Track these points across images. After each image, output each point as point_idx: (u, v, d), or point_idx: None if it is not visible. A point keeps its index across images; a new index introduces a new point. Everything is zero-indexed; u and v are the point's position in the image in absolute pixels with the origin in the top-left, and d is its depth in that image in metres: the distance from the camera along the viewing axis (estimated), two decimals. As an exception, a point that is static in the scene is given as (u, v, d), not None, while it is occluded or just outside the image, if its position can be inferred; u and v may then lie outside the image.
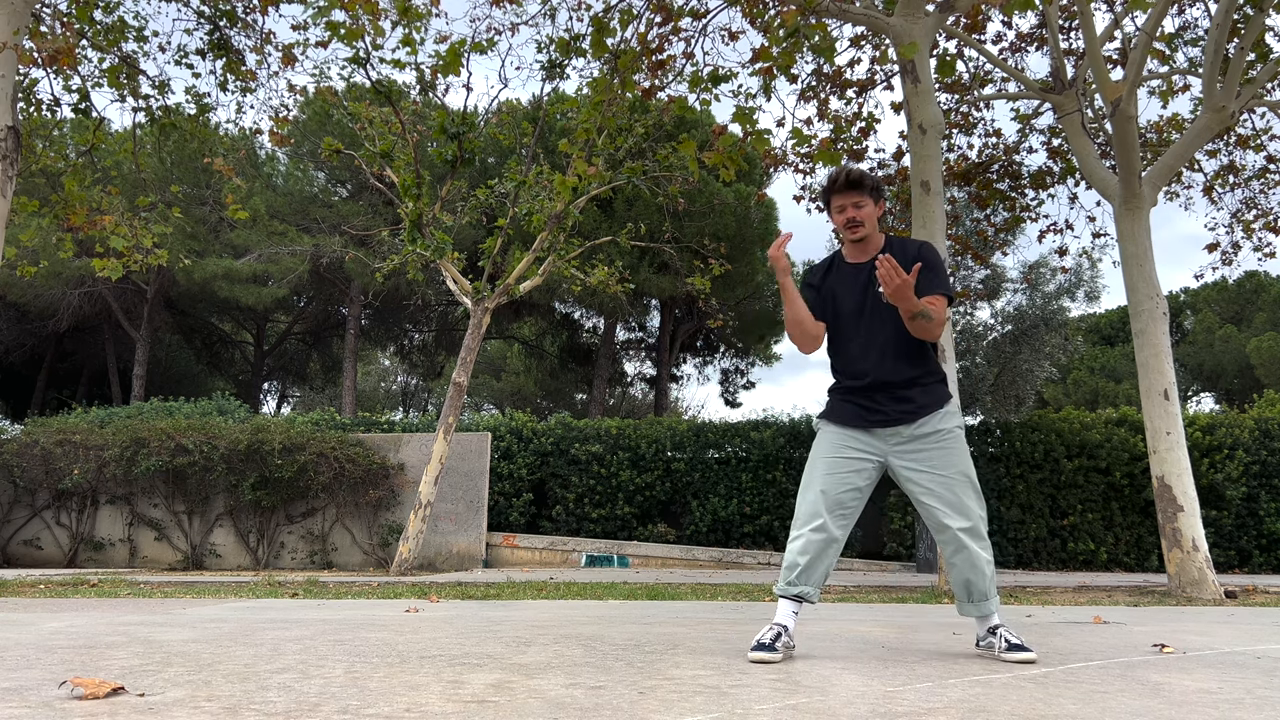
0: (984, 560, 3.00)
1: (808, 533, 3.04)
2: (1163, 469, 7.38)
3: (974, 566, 3.00)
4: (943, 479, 3.02)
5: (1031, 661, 2.89)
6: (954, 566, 3.04)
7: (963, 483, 3.03)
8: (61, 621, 4.19)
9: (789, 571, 3.06)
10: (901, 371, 3.09)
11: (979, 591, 3.03)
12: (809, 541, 3.04)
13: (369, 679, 2.48)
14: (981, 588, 3.02)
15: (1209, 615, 5.15)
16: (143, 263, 9.02)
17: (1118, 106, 7.59)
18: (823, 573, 3.07)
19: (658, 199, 10.52)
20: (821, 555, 3.04)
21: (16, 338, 23.15)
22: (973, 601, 3.05)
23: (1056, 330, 12.74)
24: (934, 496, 3.02)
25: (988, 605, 3.04)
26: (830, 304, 3.20)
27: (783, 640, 2.96)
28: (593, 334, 25.90)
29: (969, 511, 3.00)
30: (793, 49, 6.47)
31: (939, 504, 3.01)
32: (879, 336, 3.11)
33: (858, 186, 3.09)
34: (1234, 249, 11.31)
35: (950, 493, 3.01)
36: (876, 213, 3.14)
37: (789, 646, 2.99)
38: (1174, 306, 32.56)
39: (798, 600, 3.06)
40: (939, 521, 3.02)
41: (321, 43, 8.70)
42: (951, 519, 2.99)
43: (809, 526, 3.05)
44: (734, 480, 13.02)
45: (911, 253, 3.14)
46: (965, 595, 3.05)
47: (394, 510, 11.80)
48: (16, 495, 11.89)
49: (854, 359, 3.15)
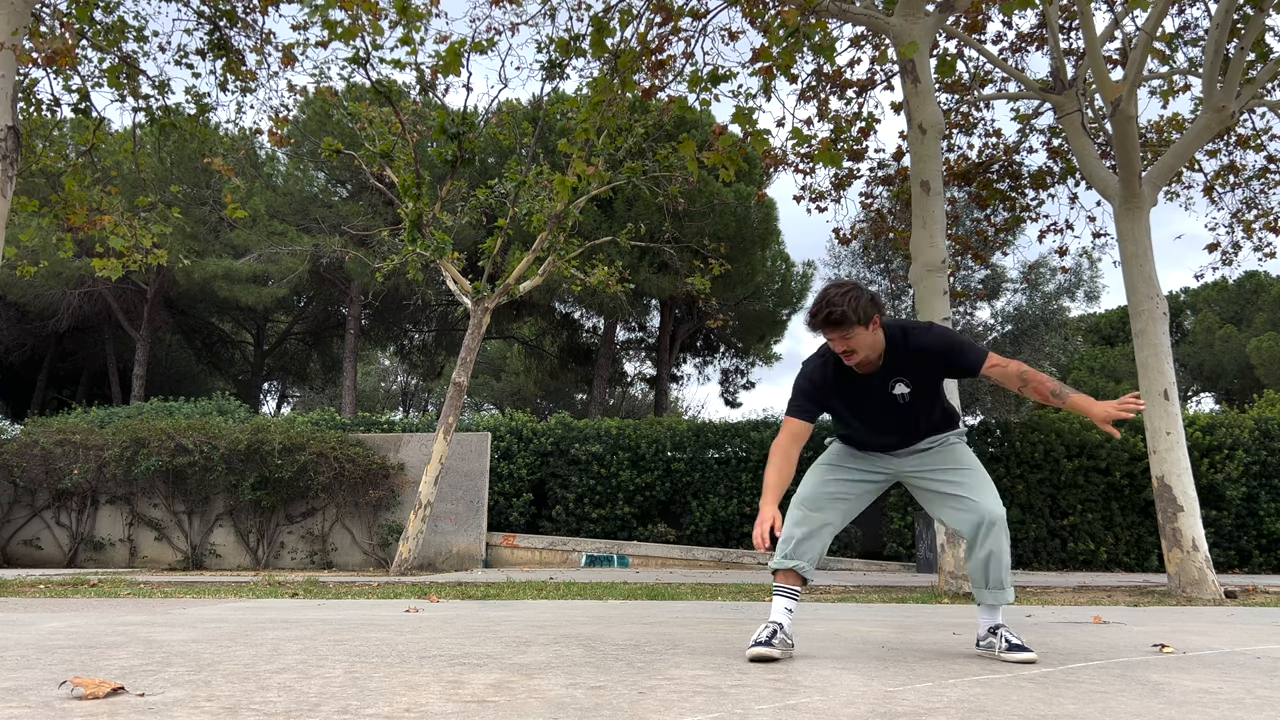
0: (1006, 549, 3.01)
1: (806, 510, 3.10)
2: (1163, 469, 7.37)
3: (996, 553, 3.00)
4: (962, 470, 3.08)
5: (1032, 661, 2.90)
6: (976, 551, 3.02)
7: (981, 473, 3.08)
8: (61, 621, 4.19)
9: (785, 544, 3.07)
10: (922, 435, 3.15)
11: (996, 580, 3.03)
12: (806, 516, 3.08)
13: (369, 679, 2.48)
14: (999, 576, 3.02)
15: (1209, 615, 5.15)
16: (142, 263, 9.02)
17: (1118, 106, 7.59)
18: (818, 552, 3.09)
19: (658, 199, 10.52)
20: (817, 534, 3.08)
21: (16, 338, 23.14)
22: (990, 588, 3.04)
23: (1056, 330, 12.75)
24: (956, 486, 3.04)
25: (1004, 595, 3.04)
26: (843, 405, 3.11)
27: (779, 637, 2.97)
28: (593, 334, 25.89)
29: (994, 498, 3.02)
30: (793, 48, 6.47)
31: (963, 492, 3.03)
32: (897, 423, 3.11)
33: (839, 326, 2.87)
34: (1234, 249, 11.31)
35: (973, 480, 3.05)
36: (870, 332, 2.91)
37: (787, 644, 2.99)
38: (1174, 306, 32.56)
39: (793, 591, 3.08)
40: (966, 504, 3.00)
41: (321, 43, 8.69)
42: (980, 502, 2.99)
43: (807, 506, 3.10)
44: (734, 480, 13.02)
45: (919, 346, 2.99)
46: (984, 581, 3.04)
47: (394, 510, 11.79)
48: (16, 495, 11.89)
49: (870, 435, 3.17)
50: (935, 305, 7.31)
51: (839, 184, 10.99)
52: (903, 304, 13.88)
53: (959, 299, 12.47)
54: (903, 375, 3.01)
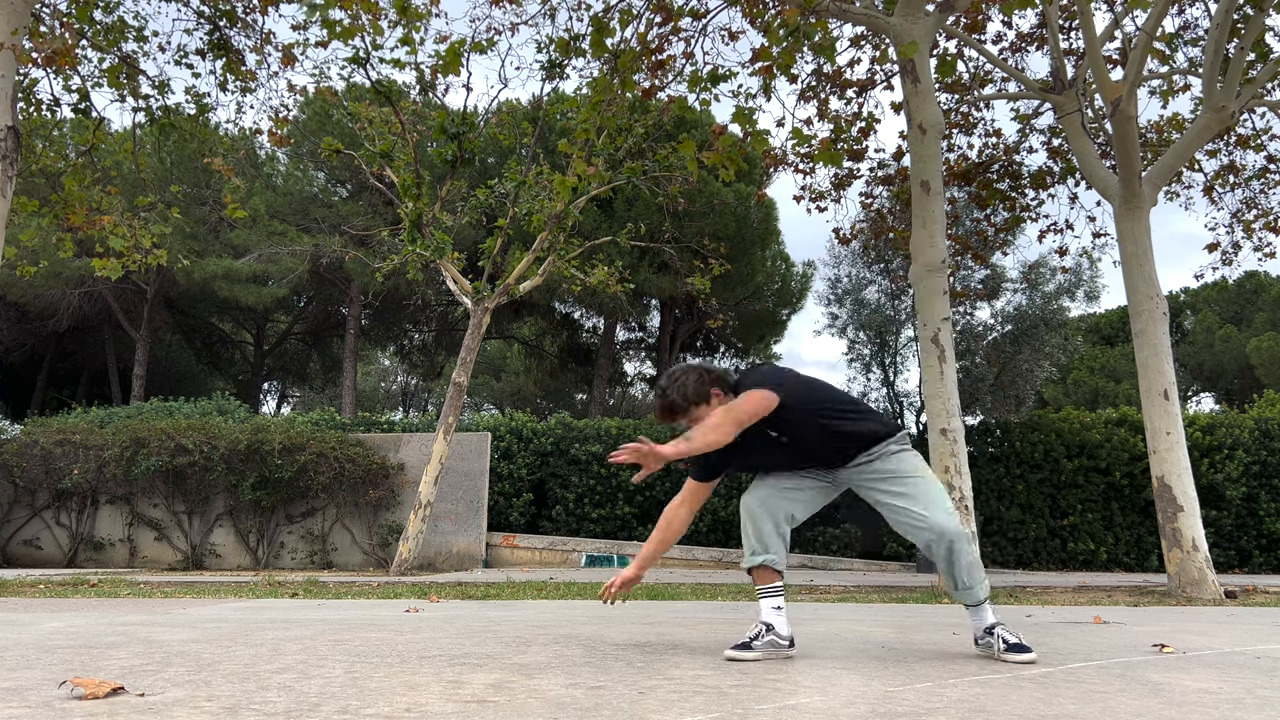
0: (964, 551, 2.98)
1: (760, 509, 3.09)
2: (1163, 469, 7.37)
3: (957, 559, 2.98)
4: (906, 480, 3.02)
5: (1031, 662, 2.89)
6: (937, 562, 3.02)
7: (928, 481, 3.04)
8: (61, 621, 4.19)
9: (750, 542, 3.09)
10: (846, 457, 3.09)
11: (963, 582, 3.01)
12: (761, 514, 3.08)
13: (369, 679, 2.48)
14: (964, 577, 3.00)
15: (1209, 615, 5.15)
16: (142, 263, 9.02)
17: (1118, 106, 7.59)
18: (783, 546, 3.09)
19: (658, 199, 10.52)
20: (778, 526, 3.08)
21: (16, 338, 23.14)
22: (959, 590, 3.04)
23: (1056, 330, 12.75)
24: (902, 498, 3.01)
25: (974, 594, 3.02)
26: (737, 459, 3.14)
27: (765, 639, 2.96)
28: (593, 334, 25.89)
29: (943, 511, 2.98)
30: (793, 48, 6.47)
31: (911, 505, 2.99)
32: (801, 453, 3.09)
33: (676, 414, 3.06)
34: (1234, 249, 11.31)
35: (919, 490, 3.01)
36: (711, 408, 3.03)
37: (776, 644, 2.98)
38: (1174, 306, 32.55)
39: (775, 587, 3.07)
40: (915, 518, 2.98)
41: (321, 43, 8.69)
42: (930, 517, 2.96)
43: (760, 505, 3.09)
44: (734, 480, 13.02)
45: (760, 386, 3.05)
46: (953, 584, 3.05)
47: (394, 510, 11.79)
48: (16, 495, 11.89)
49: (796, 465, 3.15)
50: (935, 305, 7.31)
51: (839, 184, 10.99)
52: (903, 304, 13.88)
53: (959, 299, 12.46)
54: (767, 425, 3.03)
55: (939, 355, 7.20)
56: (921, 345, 7.37)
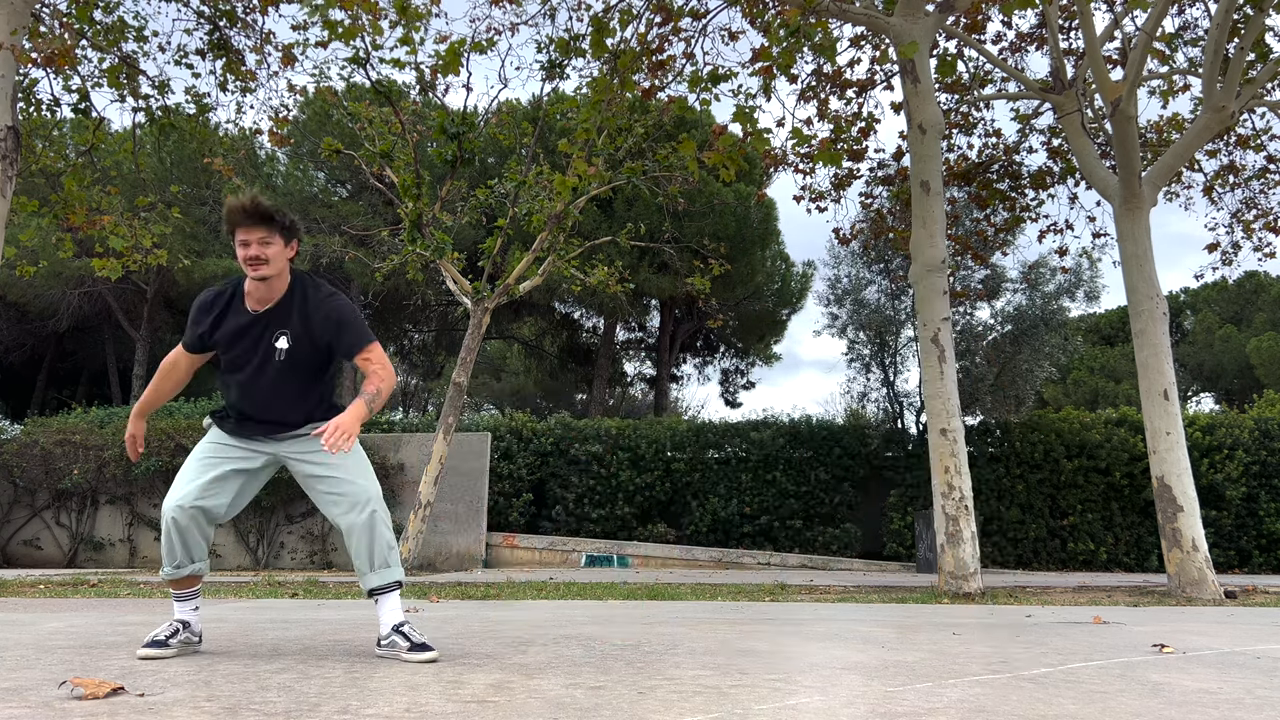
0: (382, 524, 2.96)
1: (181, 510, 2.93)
2: (1163, 469, 7.37)
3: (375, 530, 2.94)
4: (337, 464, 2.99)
5: (434, 660, 2.85)
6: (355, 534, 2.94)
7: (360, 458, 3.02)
8: (61, 621, 4.19)
9: (170, 557, 2.97)
10: (292, 415, 3.05)
11: (380, 558, 2.96)
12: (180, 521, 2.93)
13: (369, 679, 2.48)
14: (383, 555, 2.96)
15: (1209, 615, 5.15)
16: (142, 263, 9.01)
17: (1118, 106, 7.59)
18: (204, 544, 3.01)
19: (658, 199, 10.52)
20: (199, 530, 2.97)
21: (16, 338, 23.14)
22: (375, 570, 2.97)
23: (1056, 330, 12.74)
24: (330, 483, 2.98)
25: (389, 574, 2.97)
26: (224, 344, 3.05)
27: (181, 636, 2.97)
28: (593, 334, 25.89)
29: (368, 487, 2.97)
30: (793, 48, 6.47)
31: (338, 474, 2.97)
32: (271, 388, 3.02)
33: (266, 222, 2.84)
34: (1234, 249, 11.31)
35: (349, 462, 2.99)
36: (288, 253, 2.93)
37: (189, 643, 2.99)
38: (1174, 306, 32.55)
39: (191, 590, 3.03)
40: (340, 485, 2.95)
41: (321, 43, 8.69)
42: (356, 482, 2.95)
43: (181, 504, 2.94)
44: (734, 480, 13.02)
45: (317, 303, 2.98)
46: (369, 565, 2.96)
47: (394, 510, 11.79)
48: (16, 495, 11.88)
49: (245, 402, 3.07)
50: (935, 305, 7.31)
51: (839, 184, 10.98)
52: (903, 304, 13.88)
53: (959, 299, 12.46)
54: (287, 328, 2.96)
55: (939, 355, 7.20)
56: (921, 345, 7.37)
